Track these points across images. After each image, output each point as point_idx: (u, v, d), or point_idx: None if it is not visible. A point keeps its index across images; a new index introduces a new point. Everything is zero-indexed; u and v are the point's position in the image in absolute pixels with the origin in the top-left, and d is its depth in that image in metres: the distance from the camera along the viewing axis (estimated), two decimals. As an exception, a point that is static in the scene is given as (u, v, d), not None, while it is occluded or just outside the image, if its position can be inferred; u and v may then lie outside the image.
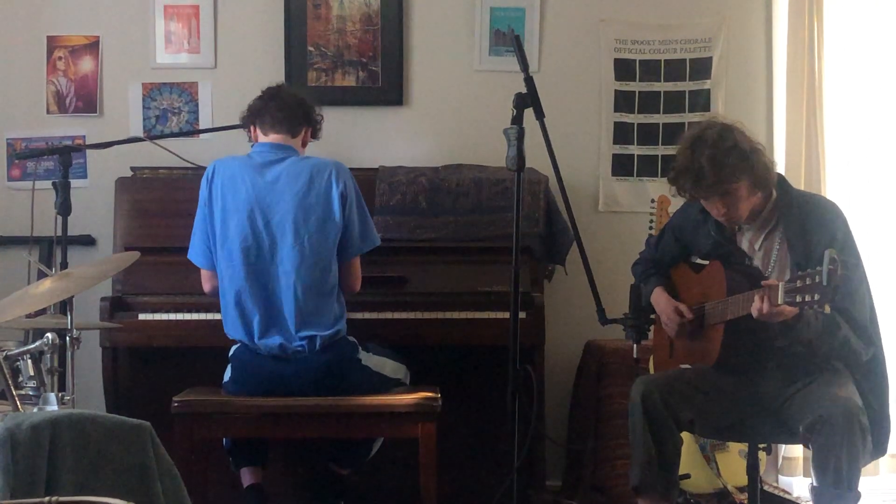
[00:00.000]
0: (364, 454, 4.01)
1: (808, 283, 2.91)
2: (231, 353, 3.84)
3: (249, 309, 3.72)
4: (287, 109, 3.86)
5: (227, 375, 3.85)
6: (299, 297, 3.69)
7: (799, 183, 4.54)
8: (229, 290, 3.75)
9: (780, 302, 3.00)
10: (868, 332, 3.29)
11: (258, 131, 3.90)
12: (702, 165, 3.25)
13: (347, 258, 3.82)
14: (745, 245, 3.45)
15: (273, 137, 3.86)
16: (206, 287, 3.89)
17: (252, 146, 3.91)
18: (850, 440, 3.04)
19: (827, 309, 2.91)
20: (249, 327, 3.72)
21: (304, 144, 3.94)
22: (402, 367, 3.97)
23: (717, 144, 3.28)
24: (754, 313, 3.10)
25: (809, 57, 4.61)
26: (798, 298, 2.94)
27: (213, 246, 3.78)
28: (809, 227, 3.30)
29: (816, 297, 2.89)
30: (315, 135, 4.00)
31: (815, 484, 3.12)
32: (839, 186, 4.66)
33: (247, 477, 3.91)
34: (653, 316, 3.68)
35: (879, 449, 3.29)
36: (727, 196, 3.29)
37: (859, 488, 3.10)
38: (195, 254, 3.86)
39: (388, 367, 3.91)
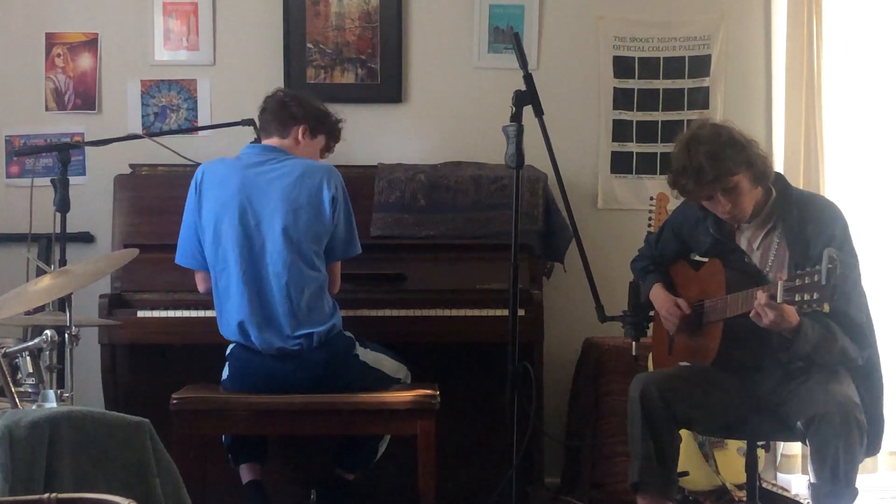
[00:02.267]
0: (370, 457, 4.01)
1: (806, 281, 2.91)
2: (228, 351, 3.83)
3: (244, 310, 3.71)
4: (270, 113, 3.90)
5: (225, 373, 3.85)
6: (292, 297, 3.69)
7: (798, 180, 4.54)
8: (224, 292, 3.74)
9: (779, 300, 3.00)
10: (864, 334, 3.28)
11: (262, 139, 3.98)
12: (700, 162, 3.25)
13: (329, 261, 3.82)
14: (743, 244, 3.45)
15: (266, 142, 3.91)
16: (202, 288, 3.89)
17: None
18: (847, 437, 3.05)
19: (826, 308, 2.91)
20: (245, 329, 3.71)
21: (297, 143, 3.89)
22: (402, 368, 3.97)
23: (712, 140, 3.29)
24: (752, 314, 3.10)
25: (808, 54, 4.62)
26: (797, 297, 2.94)
27: (203, 248, 3.78)
28: (808, 226, 3.30)
29: (815, 295, 2.89)
30: (315, 130, 3.93)
31: (812, 480, 3.12)
32: (838, 184, 4.67)
33: (246, 473, 3.92)
34: (651, 313, 3.69)
35: (872, 448, 3.29)
36: (730, 192, 3.29)
37: (857, 485, 3.11)
38: (185, 257, 3.85)
39: (386, 364, 3.90)
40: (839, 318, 3.23)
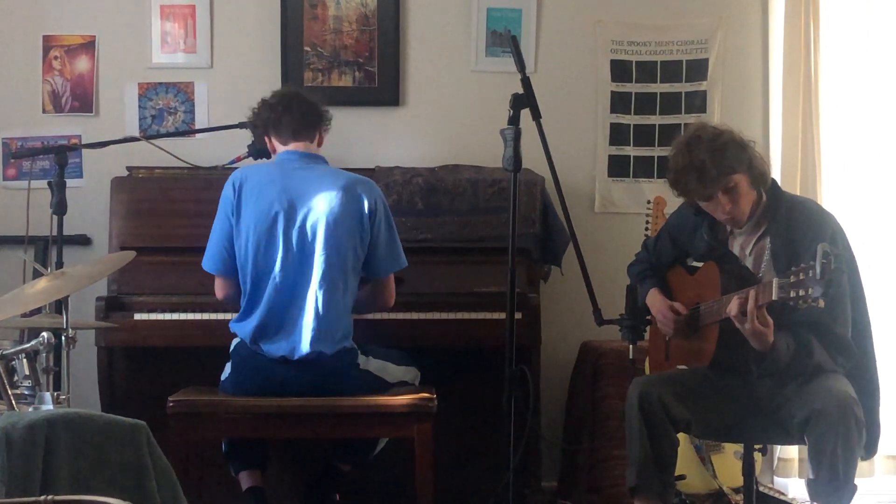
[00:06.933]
0: (368, 451, 4.00)
1: (801, 277, 2.90)
2: (232, 348, 3.82)
3: (267, 312, 3.68)
4: (305, 118, 3.85)
5: (226, 373, 3.83)
6: (319, 309, 3.66)
7: (795, 184, 4.55)
8: (253, 294, 3.70)
9: (774, 297, 2.99)
10: (847, 346, 3.28)
11: (275, 141, 3.89)
12: (703, 160, 3.26)
13: (378, 275, 3.81)
14: (736, 249, 3.45)
15: (294, 146, 3.85)
16: (220, 294, 3.84)
17: (276, 154, 3.90)
18: (846, 432, 3.05)
19: (821, 303, 2.90)
20: (263, 329, 3.69)
21: (319, 145, 3.93)
22: (410, 370, 3.95)
23: (714, 140, 3.30)
24: (732, 312, 3.11)
25: (806, 58, 4.63)
26: (792, 293, 2.93)
27: (244, 252, 3.71)
28: (796, 230, 3.30)
29: (811, 290, 2.88)
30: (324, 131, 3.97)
31: (810, 476, 3.12)
32: (835, 187, 4.68)
33: (246, 480, 3.88)
34: (649, 317, 3.68)
35: (868, 452, 3.29)
36: (731, 192, 3.30)
37: (855, 482, 3.11)
38: (212, 262, 3.80)
39: (391, 371, 3.88)
40: (821, 333, 3.23)
